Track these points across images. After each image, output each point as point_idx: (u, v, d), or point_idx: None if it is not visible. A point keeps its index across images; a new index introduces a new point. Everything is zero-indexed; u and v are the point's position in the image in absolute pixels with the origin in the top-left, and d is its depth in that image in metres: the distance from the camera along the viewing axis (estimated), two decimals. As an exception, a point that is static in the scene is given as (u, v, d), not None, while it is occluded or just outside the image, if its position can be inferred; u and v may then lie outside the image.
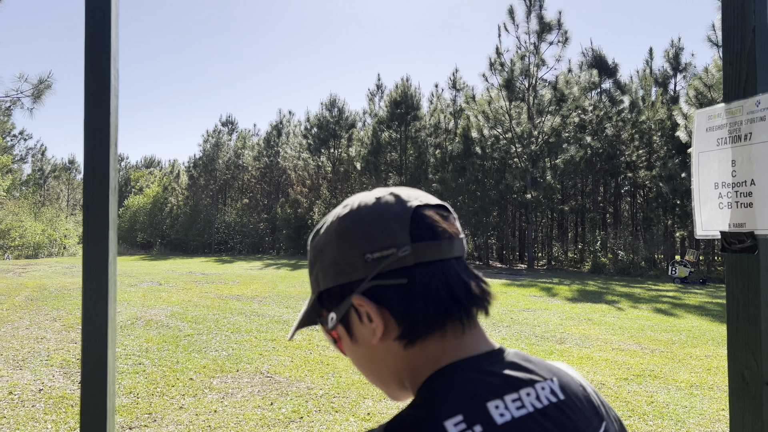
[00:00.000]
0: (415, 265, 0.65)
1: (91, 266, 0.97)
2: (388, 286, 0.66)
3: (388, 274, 0.66)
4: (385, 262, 0.65)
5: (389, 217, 0.67)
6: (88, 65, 0.96)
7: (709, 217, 1.36)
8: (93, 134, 0.96)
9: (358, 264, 0.67)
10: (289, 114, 47.63)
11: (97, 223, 0.96)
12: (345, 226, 0.69)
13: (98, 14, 0.96)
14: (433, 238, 0.67)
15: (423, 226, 0.67)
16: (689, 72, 29.29)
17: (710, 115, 1.39)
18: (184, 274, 20.45)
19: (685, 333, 10.07)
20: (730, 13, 1.36)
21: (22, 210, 41.63)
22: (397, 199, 0.69)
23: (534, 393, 0.64)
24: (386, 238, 0.66)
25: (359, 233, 0.67)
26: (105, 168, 0.96)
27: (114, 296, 1.01)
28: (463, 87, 36.43)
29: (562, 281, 20.34)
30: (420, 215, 0.68)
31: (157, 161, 74.09)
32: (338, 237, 0.69)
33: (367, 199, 0.71)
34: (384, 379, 0.72)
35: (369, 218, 0.68)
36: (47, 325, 9.75)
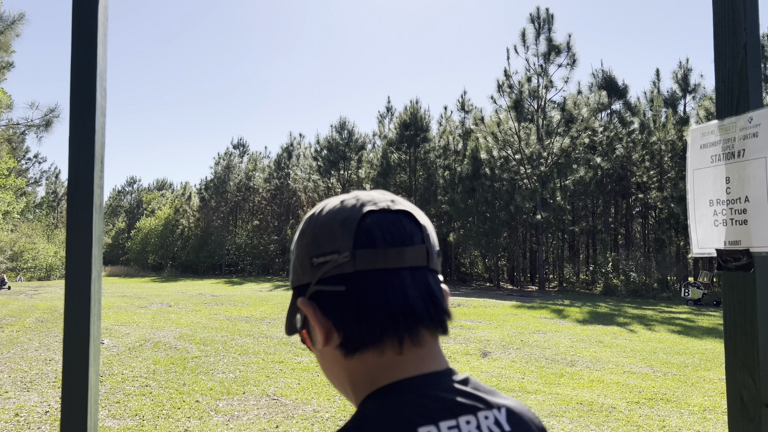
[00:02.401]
0: (355, 272, 0.62)
1: (73, 284, 0.97)
2: (329, 293, 0.63)
3: (328, 280, 0.63)
4: (326, 267, 0.63)
5: (337, 222, 0.65)
6: (74, 83, 0.97)
7: (705, 235, 1.34)
8: (78, 151, 0.97)
9: (307, 267, 0.66)
10: (300, 136, 48.01)
11: (81, 240, 0.96)
12: (303, 228, 0.69)
13: (84, 33, 0.98)
14: (375, 246, 0.62)
15: (366, 232, 0.63)
16: (698, 93, 29.25)
17: (704, 132, 1.38)
18: (194, 296, 20.48)
19: (699, 356, 9.91)
20: (721, 30, 1.36)
21: (36, 232, 42.08)
22: (355, 204, 0.66)
23: (475, 421, 0.60)
24: (330, 243, 0.64)
25: (311, 236, 0.66)
26: (89, 185, 0.96)
27: (98, 314, 1.00)
28: (472, 109, 36.59)
29: (573, 303, 20.14)
30: (368, 221, 0.64)
31: (169, 183, 74.73)
32: (297, 239, 0.69)
33: (333, 201, 0.69)
34: (336, 385, 0.70)
35: (322, 221, 0.66)
36: (56, 347, 9.77)
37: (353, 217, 0.64)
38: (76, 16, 0.98)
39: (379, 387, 0.62)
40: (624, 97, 31.19)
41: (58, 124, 18.36)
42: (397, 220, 0.66)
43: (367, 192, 0.70)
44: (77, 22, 0.97)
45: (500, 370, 8.45)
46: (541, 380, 7.84)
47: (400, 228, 0.65)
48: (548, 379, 7.89)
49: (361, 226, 0.63)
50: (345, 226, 0.64)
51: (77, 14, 0.97)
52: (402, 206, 0.68)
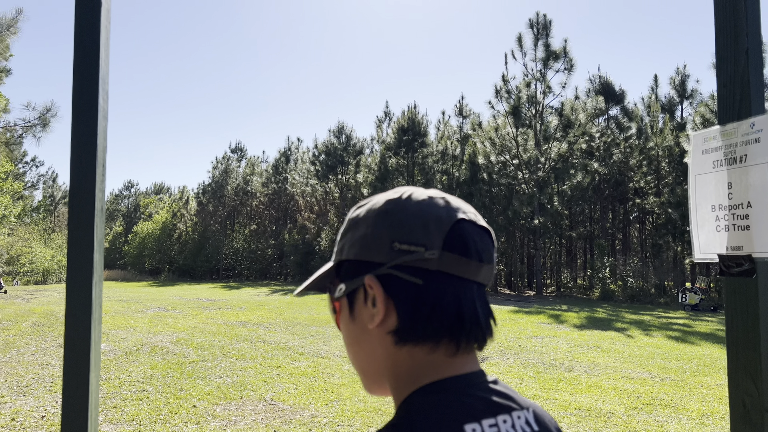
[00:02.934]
0: (437, 271, 0.65)
1: (74, 288, 0.96)
2: (402, 280, 0.66)
3: (407, 269, 0.65)
4: (409, 257, 0.65)
5: (431, 217, 0.67)
6: (76, 86, 0.96)
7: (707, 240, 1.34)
8: (80, 155, 0.97)
9: (385, 248, 0.67)
10: (298, 141, 47.97)
11: (82, 244, 0.96)
12: (387, 209, 0.70)
13: (87, 37, 0.97)
14: (464, 254, 0.66)
15: (459, 239, 0.66)
16: (695, 99, 29.33)
17: (706, 138, 1.38)
18: (191, 301, 20.43)
19: (696, 361, 9.91)
20: (722, 35, 1.36)
21: (33, 236, 41.97)
22: (447, 205, 0.69)
23: (510, 421, 0.64)
24: (420, 235, 0.66)
25: (397, 220, 0.68)
26: (91, 189, 0.96)
27: (98, 318, 1.00)
28: (470, 114, 36.66)
29: (571, 308, 20.14)
30: (461, 228, 0.67)
31: (166, 188, 74.61)
32: (377, 216, 0.70)
33: (419, 193, 0.71)
34: (365, 366, 0.72)
35: (412, 210, 0.68)
36: (53, 351, 9.73)
37: (447, 219, 0.67)
38: (78, 20, 0.97)
39: (425, 384, 0.65)
40: (621, 102, 31.29)
41: (55, 123, 18.27)
42: (483, 235, 0.70)
43: (450, 195, 0.72)
44: (80, 26, 0.97)
45: (498, 375, 8.43)
46: (539, 385, 7.83)
47: (485, 245, 0.69)
48: (546, 385, 7.88)
49: (455, 230, 0.67)
50: (438, 225, 0.66)
51: (80, 18, 0.97)
52: (484, 223, 0.72)
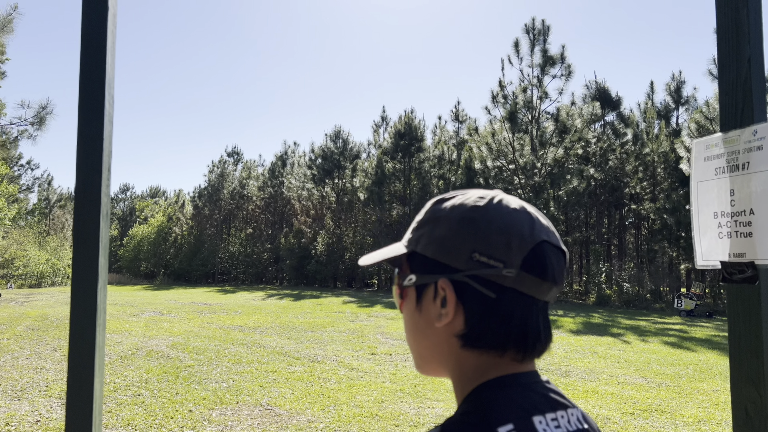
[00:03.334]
0: (511, 288, 0.67)
1: (80, 293, 0.95)
2: (476, 290, 0.68)
3: (482, 281, 0.67)
4: (487, 270, 0.67)
5: (515, 234, 0.68)
6: (83, 90, 0.96)
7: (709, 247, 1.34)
8: (85, 159, 0.96)
9: (464, 256, 0.68)
10: (294, 145, 47.97)
11: (87, 249, 0.95)
12: (473, 216, 0.70)
13: (94, 41, 0.97)
14: (540, 276, 0.68)
15: (538, 260, 0.68)
16: (691, 105, 29.49)
17: (708, 145, 1.39)
18: (186, 304, 20.37)
19: (692, 367, 9.92)
20: (725, 43, 1.37)
21: (27, 239, 41.77)
22: (532, 223, 0.70)
23: (566, 417, 0.68)
24: (501, 251, 0.67)
25: (481, 231, 0.68)
26: (96, 193, 0.95)
27: (103, 323, 0.99)
28: (466, 119, 36.75)
29: (567, 313, 20.15)
30: (542, 250, 0.69)
31: (162, 191, 74.50)
32: (460, 221, 0.70)
33: (508, 204, 0.71)
34: (424, 353, 0.75)
35: (498, 223, 0.69)
36: (47, 355, 9.68)
37: (530, 239, 0.68)
38: (86, 25, 0.97)
39: (492, 378, 0.68)
40: (617, 108, 31.39)
41: (51, 121, 18.15)
42: (560, 258, 0.72)
43: (537, 212, 0.74)
44: (87, 30, 0.97)
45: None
46: (535, 391, 7.83)
47: (560, 267, 0.71)
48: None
49: (535, 251, 0.68)
50: (520, 243, 0.68)
51: (87, 23, 0.97)
52: (562, 245, 0.73)
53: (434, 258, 0.71)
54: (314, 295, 27.25)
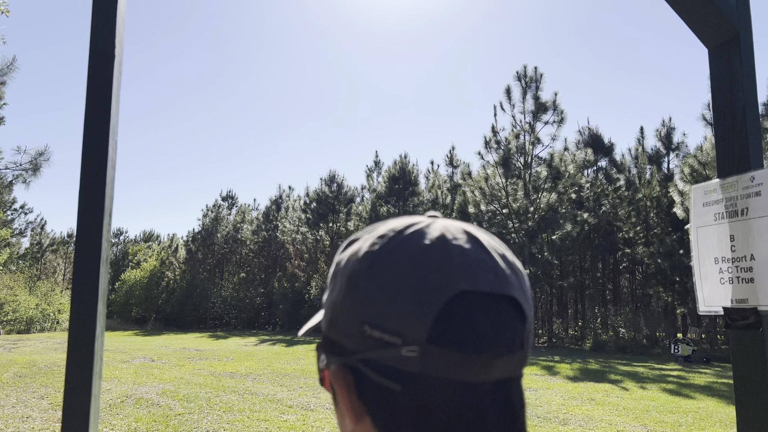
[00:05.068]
0: (421, 374, 0.45)
1: (77, 340, 0.94)
2: (375, 381, 0.47)
3: (380, 367, 0.47)
4: (380, 351, 0.46)
5: (417, 289, 0.46)
6: (87, 136, 0.96)
7: (711, 293, 1.34)
8: (88, 204, 0.96)
9: (354, 331, 0.48)
10: (289, 189, 48.22)
11: (86, 295, 0.94)
12: (360, 272, 0.49)
13: (99, 87, 0.98)
14: (458, 349, 0.45)
15: (453, 326, 0.45)
16: (682, 150, 29.94)
17: (706, 191, 1.40)
18: (177, 350, 20.05)
19: (692, 414, 9.77)
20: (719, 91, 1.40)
21: (18, 284, 41.32)
22: (448, 265, 0.47)
23: None
24: (394, 321, 0.46)
25: (368, 292, 0.48)
26: (98, 238, 0.95)
27: (99, 372, 0.97)
28: (459, 164, 37.16)
29: (564, 359, 19.94)
30: (458, 308, 0.46)
31: (156, 235, 74.28)
32: (349, 279, 0.50)
33: (415, 242, 0.49)
34: None
35: (393, 275, 0.47)
36: (34, 403, 9.45)
37: (437, 295, 0.46)
38: (92, 71, 0.98)
39: None
40: (610, 154, 31.82)
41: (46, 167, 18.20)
42: (498, 313, 0.47)
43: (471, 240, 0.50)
44: (93, 77, 0.98)
45: (492, 428, 8.26)
46: (534, 439, 7.67)
47: (499, 329, 0.47)
48: (541, 439, 7.72)
49: (447, 312, 0.45)
50: (422, 304, 0.45)
51: (93, 69, 0.98)
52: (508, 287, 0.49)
53: (326, 334, 0.53)
54: (308, 341, 26.90)
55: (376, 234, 0.52)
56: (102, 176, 0.98)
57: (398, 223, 0.53)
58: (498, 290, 0.47)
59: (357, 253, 0.51)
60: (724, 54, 1.40)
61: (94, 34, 1.00)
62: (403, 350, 0.45)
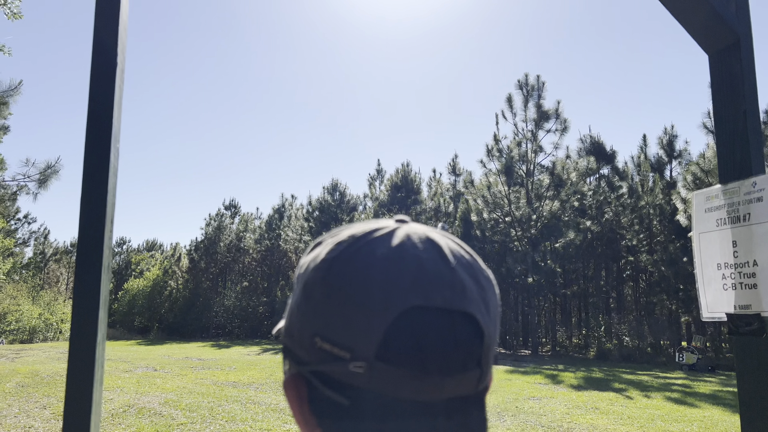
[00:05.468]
0: (368, 390, 0.44)
1: (78, 346, 0.93)
2: (325, 395, 0.47)
3: (329, 381, 0.46)
4: (329, 364, 0.45)
5: (362, 307, 0.44)
6: (89, 143, 0.97)
7: (714, 299, 1.33)
8: (89, 211, 0.96)
9: (306, 341, 0.48)
10: (292, 198, 48.29)
11: (88, 302, 0.94)
12: (314, 281, 0.48)
13: (101, 95, 0.99)
14: (407, 366, 0.44)
15: (401, 343, 0.44)
16: (684, 158, 29.90)
17: (708, 196, 1.40)
18: (180, 360, 20.02)
19: (698, 423, 9.71)
20: (720, 97, 1.40)
21: (21, 293, 41.35)
22: (398, 280, 0.45)
23: None
24: (343, 335, 0.45)
25: (319, 304, 0.47)
26: (99, 244, 0.95)
27: (100, 379, 0.97)
28: (462, 172, 37.19)
29: (568, 368, 19.85)
30: (407, 324, 0.44)
31: (159, 244, 74.30)
32: (304, 287, 0.50)
33: (370, 252, 0.47)
34: None
35: (341, 290, 0.46)
36: (36, 413, 9.44)
37: (387, 310, 0.44)
38: (94, 79, 0.99)
39: None
40: (612, 162, 31.82)
41: (55, 180, 18.11)
42: (451, 330, 0.45)
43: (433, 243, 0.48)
44: (95, 84, 0.98)
45: (496, 438, 8.22)
46: (538, 449, 7.63)
47: (450, 346, 0.45)
48: (545, 448, 7.67)
49: (396, 328, 0.44)
50: (371, 319, 0.44)
51: (96, 77, 0.99)
52: (465, 302, 0.46)
53: (283, 341, 0.53)
54: (310, 350, 26.84)
55: (336, 239, 0.51)
56: (104, 183, 0.98)
57: (360, 228, 0.51)
58: (453, 306, 0.45)
59: (316, 259, 0.50)
60: (724, 60, 1.40)
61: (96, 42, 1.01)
62: (351, 365, 0.44)
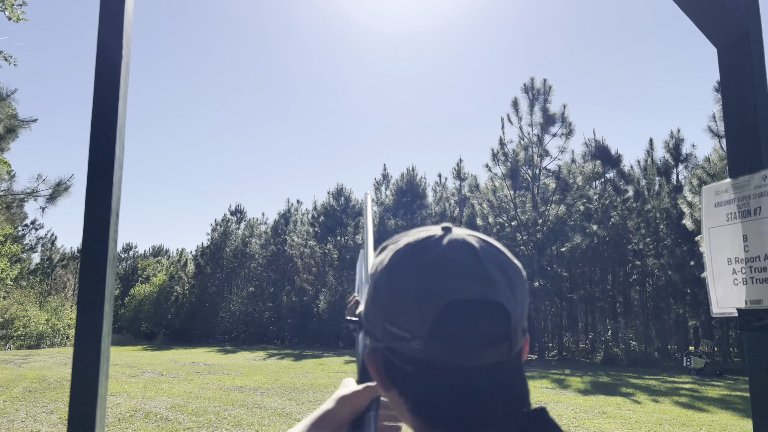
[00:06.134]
0: (425, 360, 0.61)
1: (83, 340, 0.93)
2: (396, 363, 0.63)
3: (398, 354, 0.63)
4: (397, 342, 0.62)
5: (421, 297, 0.61)
6: (94, 135, 0.96)
7: (724, 294, 1.31)
8: (94, 203, 0.96)
9: (378, 326, 0.65)
10: (297, 203, 48.30)
11: (92, 295, 0.93)
12: (383, 280, 0.65)
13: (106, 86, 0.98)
14: (449, 343, 0.59)
15: (446, 325, 0.59)
16: (690, 162, 29.76)
17: (717, 191, 1.38)
18: (186, 365, 20.03)
19: (706, 428, 9.63)
20: (729, 91, 1.38)
21: (28, 299, 41.49)
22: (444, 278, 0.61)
23: None
24: (405, 319, 0.61)
25: (387, 297, 0.64)
26: (104, 238, 0.94)
27: (106, 373, 0.96)
28: (467, 177, 37.13)
29: (574, 372, 19.75)
30: (451, 312, 0.60)
31: (165, 250, 74.50)
32: (374, 285, 0.67)
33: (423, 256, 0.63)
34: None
35: (404, 284, 0.62)
36: (43, 417, 9.45)
37: (437, 300, 0.60)
38: (99, 69, 0.98)
39: None
40: (618, 166, 31.69)
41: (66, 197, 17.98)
42: (483, 316, 0.61)
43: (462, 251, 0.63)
44: (100, 74, 0.98)
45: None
46: (545, 453, 7.57)
47: (483, 327, 0.60)
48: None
49: (443, 315, 0.59)
50: (425, 308, 0.60)
51: (101, 67, 0.99)
52: (493, 292, 0.62)
53: (364, 323, 0.69)
54: (316, 355, 26.81)
55: (396, 247, 0.68)
56: (109, 176, 0.98)
57: (415, 236, 0.68)
58: (485, 297, 0.61)
59: (382, 263, 0.67)
60: (733, 53, 1.38)
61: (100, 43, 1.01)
62: (412, 343, 0.61)
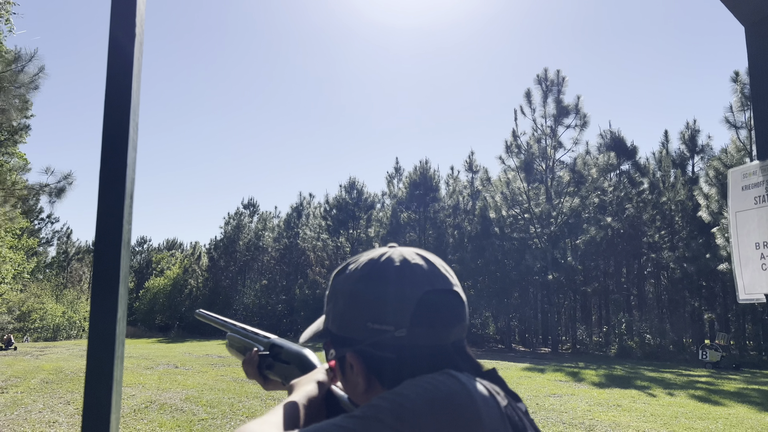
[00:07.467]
0: (408, 344, 0.73)
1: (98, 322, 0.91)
2: (378, 355, 0.74)
3: (382, 347, 0.73)
4: (382, 336, 0.73)
5: (400, 295, 0.74)
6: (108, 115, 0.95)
7: (752, 280, 1.27)
8: (108, 185, 0.94)
9: (360, 327, 0.75)
10: (310, 196, 48.42)
11: (107, 277, 0.92)
12: (359, 289, 0.76)
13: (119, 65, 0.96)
14: (431, 326, 0.73)
15: (425, 312, 0.73)
16: (706, 153, 29.35)
17: (745, 173, 1.34)
18: (201, 357, 20.18)
19: (722, 421, 9.54)
20: (757, 70, 1.34)
21: (45, 292, 41.98)
22: (413, 277, 0.75)
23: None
24: (389, 315, 0.73)
25: (368, 301, 0.75)
26: (119, 220, 0.93)
27: (121, 356, 0.95)
28: (479, 169, 36.97)
29: (588, 365, 19.65)
30: (428, 301, 0.74)
31: (179, 243, 74.98)
32: (352, 296, 0.77)
33: (388, 266, 0.77)
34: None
35: (382, 289, 0.75)
36: (60, 408, 9.56)
37: (413, 295, 0.74)
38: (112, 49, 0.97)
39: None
40: (633, 157, 31.32)
41: (70, 191, 18.32)
42: (450, 299, 0.77)
43: (422, 258, 0.79)
44: (113, 54, 0.96)
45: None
46: (560, 445, 7.54)
47: (452, 309, 0.77)
48: (567, 445, 7.58)
49: (421, 305, 0.74)
50: (404, 303, 0.73)
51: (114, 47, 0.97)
52: (450, 284, 0.78)
53: (339, 334, 0.78)
54: (329, 348, 26.90)
55: (362, 262, 0.80)
56: (123, 157, 0.96)
57: (373, 254, 0.81)
58: (447, 287, 0.78)
59: (352, 278, 0.78)
60: (761, 31, 1.34)
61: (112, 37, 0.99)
62: (396, 332, 0.73)
